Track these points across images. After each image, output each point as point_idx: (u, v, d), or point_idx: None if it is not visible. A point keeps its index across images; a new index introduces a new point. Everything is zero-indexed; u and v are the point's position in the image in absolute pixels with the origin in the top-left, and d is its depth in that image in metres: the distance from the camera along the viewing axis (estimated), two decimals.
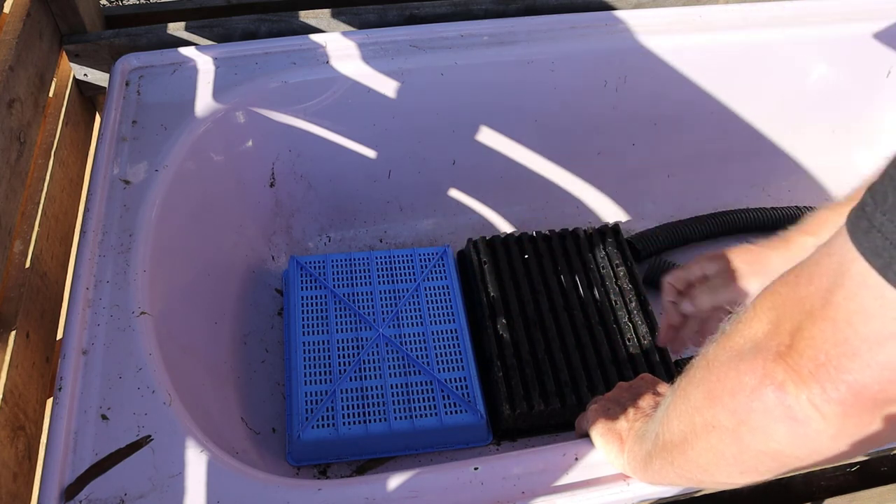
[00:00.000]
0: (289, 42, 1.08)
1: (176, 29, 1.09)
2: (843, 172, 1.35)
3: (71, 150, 1.03)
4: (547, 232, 1.15)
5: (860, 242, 0.36)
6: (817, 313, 0.39)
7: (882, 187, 0.36)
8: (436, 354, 0.99)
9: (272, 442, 0.94)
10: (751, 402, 0.43)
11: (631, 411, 0.68)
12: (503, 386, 0.97)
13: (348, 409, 0.93)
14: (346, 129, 1.12)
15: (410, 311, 1.04)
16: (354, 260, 1.08)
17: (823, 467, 0.85)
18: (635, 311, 1.06)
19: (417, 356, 0.99)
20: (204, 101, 1.00)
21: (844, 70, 1.24)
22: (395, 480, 0.67)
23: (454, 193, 1.23)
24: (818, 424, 0.40)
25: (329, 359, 0.98)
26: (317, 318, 1.02)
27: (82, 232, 0.84)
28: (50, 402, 0.77)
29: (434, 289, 1.07)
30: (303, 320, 1.01)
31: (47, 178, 0.93)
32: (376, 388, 0.95)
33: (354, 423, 0.92)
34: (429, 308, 1.04)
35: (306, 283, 1.05)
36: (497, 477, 0.68)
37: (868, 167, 1.41)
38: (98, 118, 1.16)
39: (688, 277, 0.83)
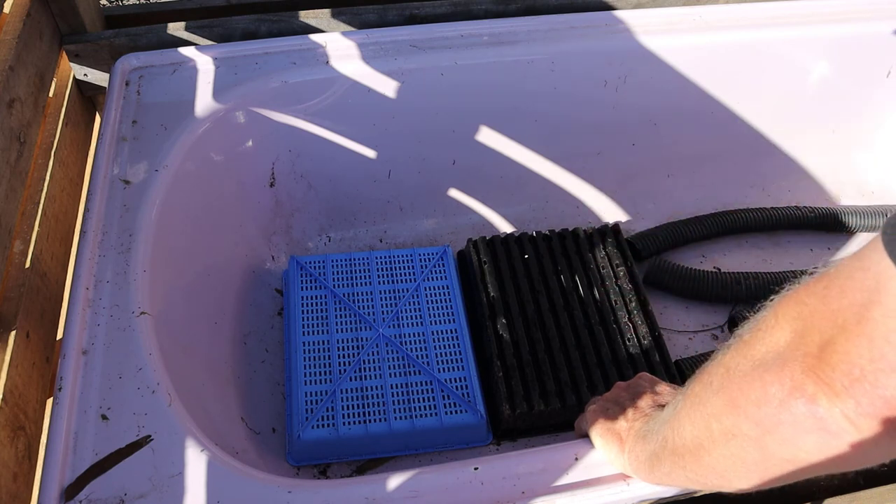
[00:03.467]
0: (289, 42, 1.08)
1: (176, 29, 1.09)
2: (842, 172, 1.35)
3: (71, 150, 1.03)
4: (547, 232, 1.15)
5: None
6: (852, 328, 0.39)
7: None
8: (436, 354, 0.99)
9: (272, 442, 0.94)
10: (779, 414, 0.43)
11: (630, 411, 0.68)
12: (503, 386, 0.97)
13: (348, 409, 0.93)
14: (346, 129, 1.12)
15: (410, 311, 1.04)
16: (354, 260, 1.08)
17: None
18: (635, 311, 1.06)
19: (417, 356, 0.99)
20: (204, 101, 1.00)
21: (844, 70, 1.24)
22: (395, 480, 0.67)
23: (454, 193, 1.23)
24: (851, 437, 0.40)
25: (329, 359, 0.98)
26: (317, 318, 1.02)
27: (82, 232, 0.84)
28: (50, 402, 0.77)
29: (434, 289, 1.06)
30: (303, 320, 1.01)
31: (47, 178, 0.93)
32: (376, 388, 0.95)
33: (354, 423, 0.92)
34: (429, 308, 1.04)
35: (306, 283, 1.05)
36: (497, 477, 0.68)
37: (868, 167, 1.42)
38: (98, 118, 1.16)
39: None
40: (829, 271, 0.42)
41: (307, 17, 1.12)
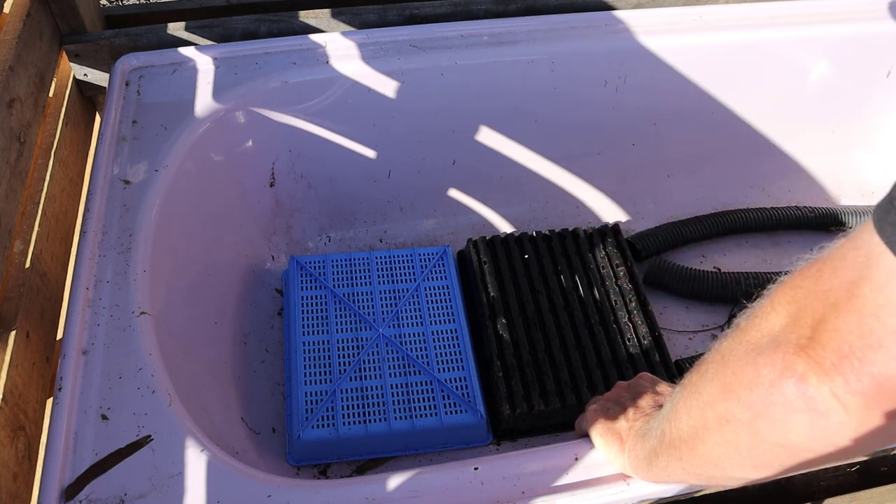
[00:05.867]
0: (289, 42, 1.08)
1: (176, 29, 1.09)
2: (842, 172, 1.35)
3: (71, 150, 1.03)
4: (547, 232, 1.15)
5: (888, 236, 0.36)
6: (842, 305, 0.39)
7: None
8: (436, 354, 0.99)
9: (272, 442, 0.94)
10: (770, 395, 0.42)
11: (630, 411, 0.68)
12: (503, 386, 0.97)
13: (348, 409, 0.93)
14: (346, 129, 1.12)
15: (410, 311, 1.04)
16: (354, 260, 1.08)
17: (833, 464, 0.85)
18: (635, 311, 1.06)
19: (417, 356, 0.99)
20: (204, 101, 1.00)
21: (844, 70, 1.24)
22: (395, 480, 0.67)
23: (454, 193, 1.23)
24: (840, 416, 0.40)
25: (329, 359, 0.98)
26: (317, 318, 1.02)
27: (82, 232, 0.84)
28: (50, 402, 0.77)
29: (434, 289, 1.06)
30: (303, 320, 1.01)
31: (47, 178, 0.93)
32: (376, 388, 0.95)
33: (354, 423, 0.92)
34: (429, 308, 1.04)
35: (306, 283, 1.05)
36: (497, 477, 0.68)
37: (868, 167, 1.42)
38: (98, 118, 1.16)
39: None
40: (823, 255, 0.42)
41: (307, 17, 1.12)
